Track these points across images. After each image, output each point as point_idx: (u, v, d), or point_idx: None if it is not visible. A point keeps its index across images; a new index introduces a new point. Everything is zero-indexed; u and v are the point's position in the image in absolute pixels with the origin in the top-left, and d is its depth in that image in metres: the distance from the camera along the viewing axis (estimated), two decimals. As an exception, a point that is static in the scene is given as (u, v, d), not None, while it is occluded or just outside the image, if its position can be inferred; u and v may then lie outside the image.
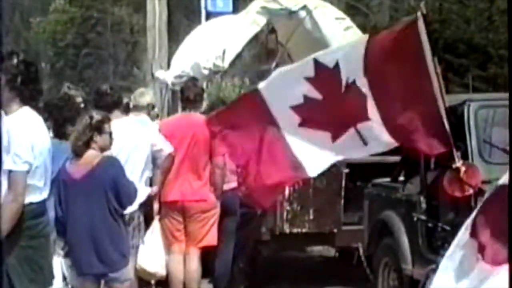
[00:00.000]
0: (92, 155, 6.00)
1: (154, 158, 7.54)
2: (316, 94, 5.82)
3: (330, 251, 9.85)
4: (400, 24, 5.96)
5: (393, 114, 5.72)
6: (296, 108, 5.86)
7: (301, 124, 5.88)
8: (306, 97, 5.83)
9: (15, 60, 5.07)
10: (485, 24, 15.70)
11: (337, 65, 5.76)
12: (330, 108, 5.82)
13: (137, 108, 7.88)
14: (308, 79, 5.81)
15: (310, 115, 5.86)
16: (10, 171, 4.89)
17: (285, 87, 5.91)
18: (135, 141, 7.34)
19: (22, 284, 4.98)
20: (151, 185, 7.49)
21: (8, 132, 4.91)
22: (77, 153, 6.01)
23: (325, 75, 5.78)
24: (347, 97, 5.77)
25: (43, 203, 5.10)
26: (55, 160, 5.49)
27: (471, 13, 15.99)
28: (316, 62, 5.82)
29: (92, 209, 5.95)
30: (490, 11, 15.75)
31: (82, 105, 7.90)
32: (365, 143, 5.87)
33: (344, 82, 5.75)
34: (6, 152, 4.87)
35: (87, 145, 5.98)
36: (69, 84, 9.02)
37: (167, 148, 7.36)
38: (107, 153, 6.09)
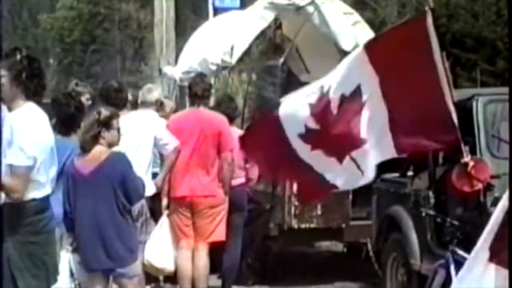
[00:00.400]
0: (100, 151, 6.00)
1: (161, 154, 7.55)
2: (314, 124, 5.88)
3: (338, 246, 9.86)
4: (408, 20, 5.96)
5: (401, 116, 5.71)
6: (302, 136, 5.92)
7: (312, 149, 5.94)
8: (307, 127, 5.90)
9: (18, 56, 5.09)
10: (493, 18, 15.62)
11: (328, 91, 5.80)
12: (329, 136, 5.86)
13: (145, 104, 7.89)
14: (310, 105, 5.88)
15: (316, 142, 5.91)
16: (11, 165, 4.88)
17: (294, 113, 6.00)
18: (141, 136, 7.35)
19: (24, 279, 4.98)
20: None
21: (12, 126, 4.91)
22: (85, 149, 6.01)
23: (321, 103, 5.84)
24: (341, 119, 5.78)
25: (46, 199, 5.11)
26: (58, 157, 5.51)
27: (479, 7, 15.92)
28: (320, 88, 5.88)
29: (100, 204, 5.96)
30: (498, 5, 15.67)
31: (90, 102, 7.91)
32: (361, 171, 5.89)
33: (336, 103, 5.75)
34: (8, 146, 4.88)
35: (95, 140, 5.98)
36: (77, 80, 9.04)
37: (173, 142, 7.36)
38: (115, 148, 6.09)
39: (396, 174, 7.80)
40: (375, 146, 5.79)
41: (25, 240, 4.98)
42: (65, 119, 6.62)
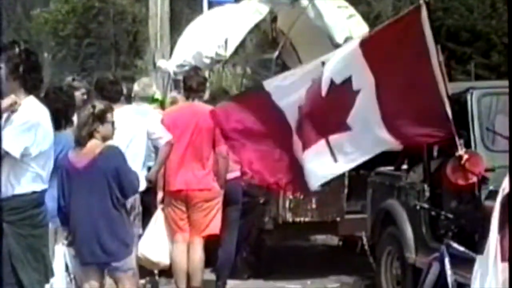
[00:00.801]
0: (94, 145, 5.99)
1: (156, 148, 7.54)
2: (303, 102, 5.82)
3: (334, 240, 9.87)
4: (403, 13, 5.94)
5: (395, 110, 5.70)
6: (300, 109, 5.87)
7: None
8: (299, 107, 5.84)
9: (17, 49, 5.09)
10: (488, 12, 15.65)
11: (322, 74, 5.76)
12: (308, 116, 5.81)
13: (143, 99, 7.91)
14: (312, 79, 5.82)
15: (299, 121, 5.86)
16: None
17: (292, 88, 5.91)
18: (135, 130, 7.34)
19: (27, 273, 5.01)
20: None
21: (16, 115, 4.94)
22: (80, 143, 6.00)
23: (314, 84, 5.79)
24: (327, 103, 5.73)
25: (43, 192, 5.13)
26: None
27: (474, 0, 15.94)
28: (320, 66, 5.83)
29: (95, 198, 5.95)
30: (493, -1, 15.70)
31: (85, 97, 7.93)
32: (335, 159, 5.83)
33: (326, 86, 5.71)
34: (5, 127, 4.89)
35: (90, 134, 5.98)
36: (74, 75, 9.10)
37: (166, 136, 7.34)
38: (109, 142, 6.08)
39: (391, 168, 7.81)
40: (364, 139, 5.77)
41: (26, 233, 5.01)
42: (54, 114, 6.60)
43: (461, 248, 5.68)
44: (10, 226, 4.93)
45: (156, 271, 8.09)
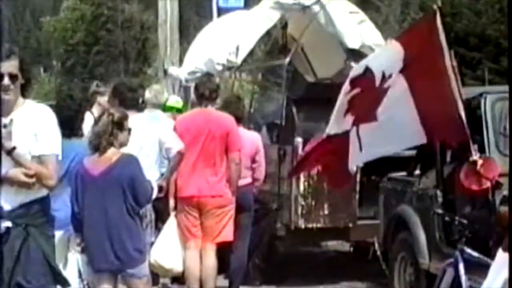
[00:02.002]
0: (112, 152, 5.99)
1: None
2: (355, 91, 5.89)
3: (345, 246, 9.86)
4: (421, 21, 6.00)
5: (425, 109, 5.75)
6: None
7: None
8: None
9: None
10: (497, 17, 15.61)
11: (367, 69, 5.79)
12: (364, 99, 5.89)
13: (155, 105, 7.92)
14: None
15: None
16: (44, 155, 4.93)
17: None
18: (147, 137, 7.33)
19: (60, 272, 5.08)
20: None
21: (37, 119, 4.95)
22: (99, 150, 5.99)
23: (358, 81, 5.85)
24: (379, 91, 5.78)
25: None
26: (62, 159, 5.53)
27: (482, 5, 15.90)
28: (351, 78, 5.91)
29: (109, 205, 5.95)
30: (501, 3, 15.65)
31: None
32: (360, 148, 5.88)
33: (379, 77, 5.76)
34: (34, 138, 4.91)
35: (108, 142, 5.98)
36: (96, 82, 9.20)
37: (176, 146, 7.29)
38: (124, 149, 6.09)
39: (403, 173, 7.80)
40: (389, 132, 5.80)
41: (50, 233, 5.07)
42: (66, 121, 6.62)
43: (475, 254, 5.67)
44: (37, 229, 4.98)
45: (168, 280, 8.10)
